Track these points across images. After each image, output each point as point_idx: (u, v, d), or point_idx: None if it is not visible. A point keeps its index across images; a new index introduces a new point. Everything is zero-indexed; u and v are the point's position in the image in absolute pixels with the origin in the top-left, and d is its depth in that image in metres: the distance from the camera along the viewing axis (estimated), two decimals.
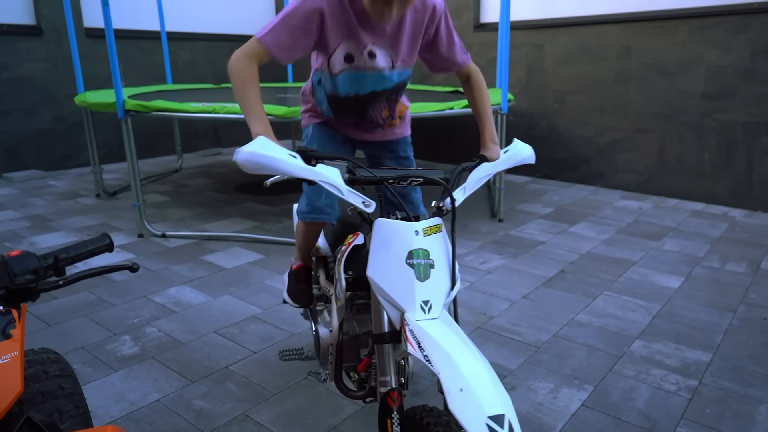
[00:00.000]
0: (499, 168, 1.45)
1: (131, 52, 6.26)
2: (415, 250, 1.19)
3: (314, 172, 1.16)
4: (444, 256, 1.24)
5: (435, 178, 1.28)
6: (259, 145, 1.13)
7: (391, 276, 1.18)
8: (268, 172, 1.12)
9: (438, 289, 1.19)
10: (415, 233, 1.21)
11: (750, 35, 4.17)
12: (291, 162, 1.14)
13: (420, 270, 1.18)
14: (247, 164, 1.11)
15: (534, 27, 5.31)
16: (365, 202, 1.21)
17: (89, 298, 2.83)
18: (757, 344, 2.39)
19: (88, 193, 4.93)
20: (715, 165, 4.52)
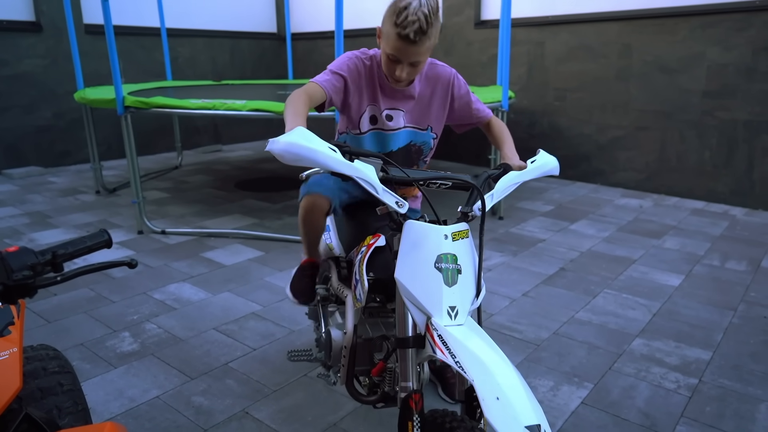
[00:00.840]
0: (525, 177, 1.43)
1: (131, 48, 6.25)
2: (443, 255, 1.18)
3: (352, 167, 1.13)
4: (471, 262, 1.23)
5: (468, 181, 1.28)
6: (298, 136, 1.10)
7: (419, 279, 1.17)
8: (306, 164, 1.09)
9: (465, 295, 1.18)
10: (444, 237, 1.20)
11: (751, 33, 4.16)
12: (330, 155, 1.11)
13: (448, 275, 1.17)
14: (286, 155, 1.08)
15: (535, 24, 5.30)
16: (399, 202, 1.19)
17: (89, 295, 2.83)
18: (757, 342, 2.39)
19: (88, 190, 4.93)
20: (716, 163, 4.52)
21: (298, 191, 2.68)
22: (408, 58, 1.53)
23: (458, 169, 5.78)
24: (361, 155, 1.21)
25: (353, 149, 1.22)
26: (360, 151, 1.22)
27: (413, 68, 1.57)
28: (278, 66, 7.77)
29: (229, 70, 7.24)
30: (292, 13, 7.41)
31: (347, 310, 1.58)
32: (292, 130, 1.13)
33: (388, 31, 1.50)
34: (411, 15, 1.44)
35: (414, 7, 1.44)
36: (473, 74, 5.82)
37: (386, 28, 1.51)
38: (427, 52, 1.54)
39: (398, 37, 1.47)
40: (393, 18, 1.46)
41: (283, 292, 2.86)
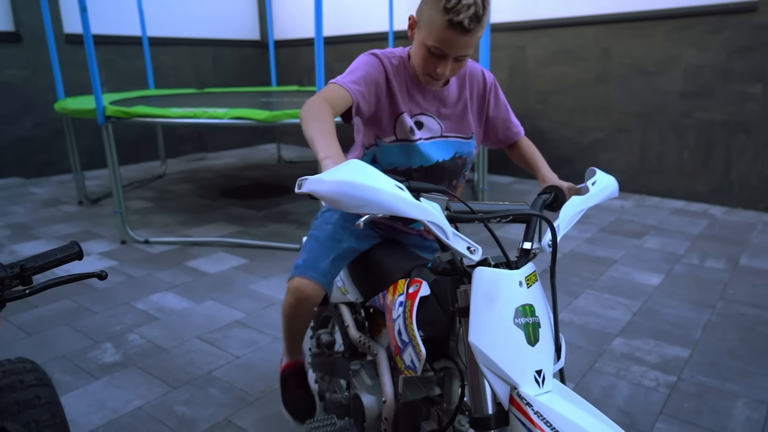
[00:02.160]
0: (591, 203, 1.24)
1: (113, 57, 6.22)
2: (521, 307, 0.98)
3: (422, 209, 0.92)
4: (545, 311, 1.03)
5: (538, 214, 1.08)
6: (355, 171, 0.86)
7: (499, 341, 0.96)
8: (370, 209, 0.86)
9: (548, 353, 0.99)
10: (519, 284, 0.99)
11: (726, 35, 4.24)
12: (399, 195, 0.89)
13: (529, 331, 0.97)
14: (343, 199, 0.85)
15: (515, 29, 5.35)
16: (471, 248, 0.99)
17: (71, 306, 2.81)
18: (734, 339, 2.43)
19: (71, 201, 4.89)
20: (695, 163, 4.59)
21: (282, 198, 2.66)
22: (455, 51, 1.27)
23: None
24: (422, 190, 1.01)
25: (413, 183, 1.01)
26: (421, 185, 1.02)
27: (458, 64, 1.32)
28: (262, 73, 7.77)
29: (212, 78, 7.23)
30: (275, 20, 7.42)
31: (381, 370, 1.36)
32: (342, 164, 0.89)
33: (432, 18, 1.24)
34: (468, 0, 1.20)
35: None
36: None
37: (429, 15, 1.25)
38: (476, 43, 1.29)
39: (448, 26, 1.22)
40: (441, 2, 1.21)
41: (267, 299, 2.87)
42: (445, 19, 1.21)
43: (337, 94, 1.26)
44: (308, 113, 1.16)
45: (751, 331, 2.49)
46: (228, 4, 7.33)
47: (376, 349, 1.42)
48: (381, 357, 1.39)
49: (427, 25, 1.26)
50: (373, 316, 1.63)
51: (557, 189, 1.30)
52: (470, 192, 5.04)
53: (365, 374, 1.51)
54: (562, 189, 1.30)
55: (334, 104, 1.23)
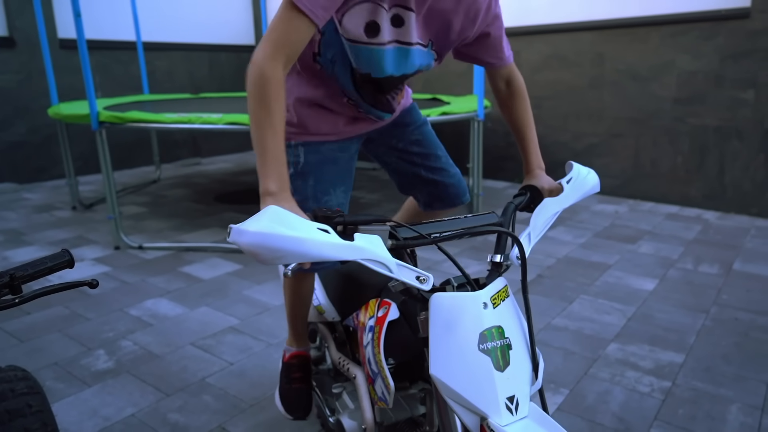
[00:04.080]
0: (566, 203, 1.18)
1: (107, 62, 6.21)
2: (487, 331, 0.92)
3: (355, 249, 0.85)
4: (519, 330, 0.97)
5: (499, 230, 1.01)
6: (274, 220, 0.80)
7: (463, 371, 0.91)
8: (291, 260, 0.81)
9: (521, 377, 0.93)
10: (484, 306, 0.93)
11: (719, 41, 4.27)
12: (322, 240, 0.82)
13: (497, 355, 0.92)
14: (261, 251, 0.78)
15: (510, 34, 5.37)
16: (421, 277, 0.92)
17: (63, 313, 2.79)
18: (728, 344, 2.44)
19: (64, 206, 4.87)
20: (689, 168, 4.61)
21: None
22: None
23: None
24: (358, 223, 0.92)
25: (345, 216, 0.91)
26: (356, 218, 0.92)
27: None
28: None
29: (207, 83, 7.23)
30: None
31: (360, 394, 1.30)
32: (262, 211, 0.82)
33: None
34: None
35: None
36: (450, 84, 5.88)
37: None
38: None
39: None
40: None
41: (262, 305, 2.86)
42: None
43: (298, 35, 1.01)
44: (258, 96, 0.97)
45: (745, 336, 2.50)
46: (223, 10, 7.33)
47: (355, 372, 1.35)
48: (360, 380, 1.32)
49: None
50: (353, 334, 1.53)
51: (533, 189, 1.24)
52: None
53: (347, 397, 1.46)
54: (537, 188, 1.24)
55: (291, 56, 1.01)
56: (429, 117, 3.83)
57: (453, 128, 5.87)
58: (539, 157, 1.37)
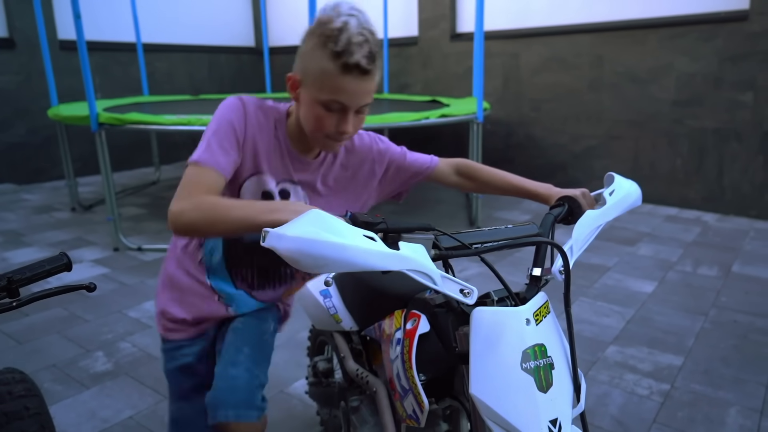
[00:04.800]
0: (609, 216, 1.11)
1: (107, 63, 6.21)
2: (530, 349, 0.87)
3: (401, 258, 0.80)
4: (560, 348, 0.92)
5: (545, 240, 0.96)
6: (316, 224, 0.75)
7: (504, 391, 0.86)
8: (334, 269, 0.75)
9: (564, 398, 0.89)
10: (527, 323, 0.89)
11: (718, 43, 4.27)
12: (368, 248, 0.76)
13: (540, 375, 0.87)
14: (303, 259, 0.73)
15: (509, 37, 5.38)
16: (465, 290, 0.87)
17: (62, 314, 2.79)
18: (727, 347, 2.44)
19: (63, 207, 4.87)
20: (688, 171, 4.61)
21: None
22: (356, 100, 1.07)
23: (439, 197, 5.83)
24: (403, 230, 0.89)
25: (389, 223, 0.87)
26: (399, 224, 0.88)
27: (359, 117, 1.13)
28: (256, 80, 7.77)
29: (207, 85, 7.23)
30: (270, 27, 7.43)
31: (382, 409, 1.23)
32: (302, 215, 0.77)
33: (322, 68, 1.04)
34: (355, 36, 1.02)
35: (354, 26, 1.03)
36: (450, 86, 5.88)
37: (318, 66, 1.05)
38: (375, 89, 1.12)
39: (343, 71, 1.03)
40: (327, 46, 1.03)
41: None
42: (338, 65, 1.03)
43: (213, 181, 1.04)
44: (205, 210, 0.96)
45: (744, 338, 2.50)
46: (223, 11, 7.34)
47: (375, 385, 1.28)
48: (381, 394, 1.25)
49: (317, 78, 1.06)
50: (370, 344, 1.46)
51: (571, 200, 1.16)
52: (464, 198, 5.05)
53: (365, 411, 1.38)
54: (576, 200, 1.16)
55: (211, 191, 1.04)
56: (428, 119, 3.84)
57: (452, 130, 5.87)
58: (539, 183, 1.31)
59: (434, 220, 4.38)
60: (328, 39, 1.03)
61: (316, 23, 1.07)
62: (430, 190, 5.41)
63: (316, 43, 1.05)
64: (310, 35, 1.07)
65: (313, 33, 1.06)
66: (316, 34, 1.05)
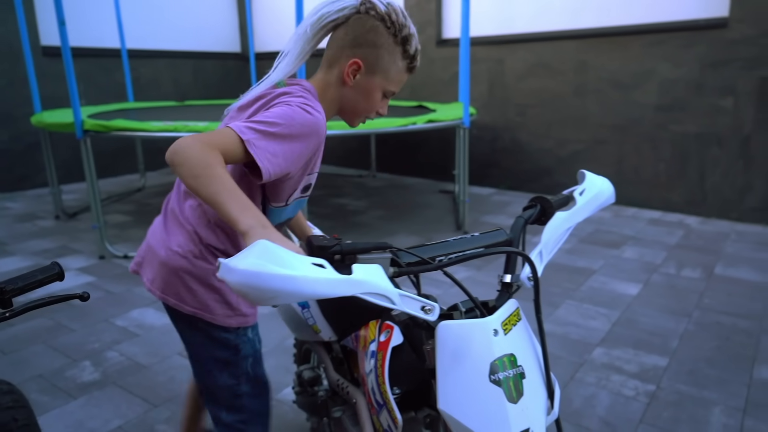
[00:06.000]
0: (580, 217, 1.10)
1: (91, 70, 6.16)
2: (498, 360, 0.87)
3: (354, 283, 0.77)
4: (533, 355, 0.92)
5: (508, 250, 0.93)
6: (263, 255, 0.72)
7: (474, 405, 0.85)
8: (286, 300, 0.73)
9: (536, 407, 0.88)
10: (494, 333, 0.88)
11: (699, 50, 4.35)
12: (317, 277, 0.74)
13: (510, 386, 0.86)
14: (251, 292, 0.71)
15: (494, 42, 5.43)
16: (426, 307, 0.85)
17: (47, 324, 2.76)
18: (711, 348, 2.48)
19: (47, 215, 4.81)
20: (670, 175, 4.68)
21: None
22: None
23: (425, 186, 5.86)
24: (357, 252, 0.86)
25: (344, 246, 0.85)
26: (354, 246, 0.85)
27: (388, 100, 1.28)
28: (243, 86, 7.75)
29: (193, 91, 7.20)
30: (256, 33, 7.43)
31: (363, 420, 1.22)
32: (251, 246, 0.74)
33: (396, 65, 1.18)
34: (418, 43, 1.20)
35: (415, 33, 1.20)
36: (436, 92, 5.92)
37: (391, 61, 1.17)
38: None
39: (408, 71, 1.22)
40: (405, 48, 1.17)
41: None
42: (407, 65, 1.20)
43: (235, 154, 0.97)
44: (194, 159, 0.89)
45: (727, 339, 2.55)
46: (208, 17, 7.32)
47: (355, 396, 1.28)
48: (361, 405, 1.25)
49: (390, 72, 1.19)
50: (351, 353, 1.45)
51: (543, 200, 1.16)
52: (450, 203, 5.07)
53: (347, 422, 1.39)
54: (548, 199, 1.16)
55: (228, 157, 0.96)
56: (415, 125, 3.86)
57: (439, 135, 5.90)
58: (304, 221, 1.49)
59: (421, 225, 4.40)
60: (405, 42, 1.16)
61: (388, 20, 1.15)
62: (418, 195, 5.43)
63: (393, 42, 1.16)
64: (379, 30, 1.15)
65: (387, 31, 1.15)
66: (391, 33, 1.15)
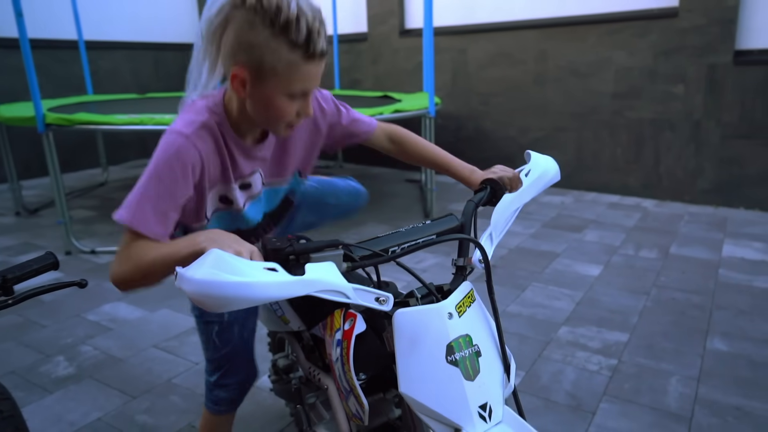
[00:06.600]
0: (527, 197, 1.14)
1: (47, 62, 5.99)
2: (454, 341, 0.91)
3: (306, 283, 0.80)
4: (488, 333, 0.97)
5: (457, 237, 1.00)
6: (216, 264, 0.75)
7: (432, 385, 0.90)
8: (240, 305, 0.75)
9: (493, 382, 0.93)
10: (449, 317, 0.93)
11: (652, 38, 4.52)
12: (271, 282, 0.77)
13: (466, 365, 0.91)
14: (207, 301, 0.74)
15: (457, 33, 5.51)
16: (380, 298, 0.89)
17: (16, 321, 2.72)
18: (667, 323, 2.63)
19: (6, 212, 4.69)
20: (627, 159, 4.87)
21: None
22: (318, 81, 1.08)
23: (392, 175, 5.92)
24: (310, 251, 0.89)
25: (296, 246, 0.88)
26: (307, 246, 0.88)
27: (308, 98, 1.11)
28: None
29: (154, 82, 7.07)
30: None
31: (334, 405, 1.26)
32: (204, 255, 0.78)
33: (284, 60, 1.00)
34: (311, 20, 0.98)
35: (306, 9, 0.98)
36: (400, 82, 5.98)
37: (278, 58, 1.00)
38: None
39: (307, 59, 1.01)
40: (288, 37, 0.98)
41: None
42: (302, 55, 1.00)
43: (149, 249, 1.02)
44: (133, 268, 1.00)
45: (682, 314, 2.70)
46: (167, 7, 7.18)
47: (326, 382, 1.32)
48: (332, 391, 1.28)
49: (282, 71, 1.01)
50: (321, 342, 1.45)
51: (493, 182, 1.19)
52: (418, 191, 5.16)
53: (321, 407, 1.44)
54: (498, 182, 1.19)
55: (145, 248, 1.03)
56: (381, 114, 3.91)
57: (405, 125, 5.91)
58: (465, 164, 1.33)
59: (389, 215, 4.47)
60: (285, 29, 0.96)
61: (254, 10, 0.97)
62: (385, 184, 5.50)
63: (270, 35, 0.97)
64: (250, 25, 0.97)
65: (258, 22, 0.97)
66: (265, 24, 0.96)
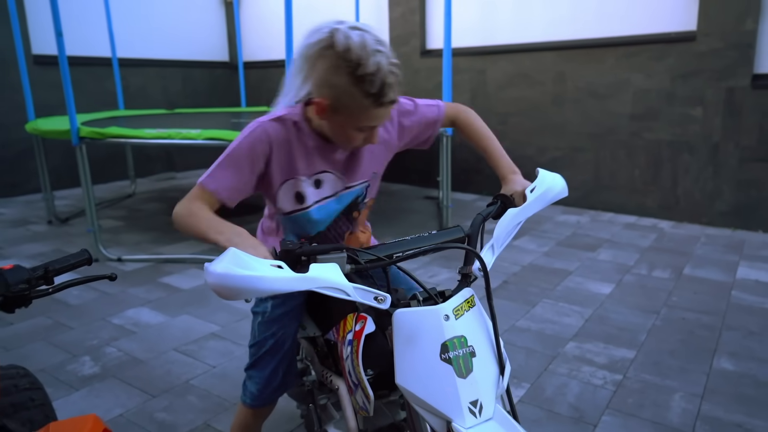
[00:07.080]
0: (528, 213, 1.22)
1: (81, 78, 6.26)
2: (449, 341, 0.99)
3: (308, 279, 0.92)
4: (485, 336, 1.04)
5: (456, 246, 1.09)
6: (232, 260, 0.90)
7: (426, 379, 0.98)
8: (249, 295, 0.90)
9: (485, 381, 1.00)
10: (445, 318, 1.00)
11: (670, 61, 4.57)
12: (276, 276, 0.90)
13: (459, 363, 0.98)
14: (224, 291, 0.89)
15: (476, 53, 5.63)
16: (378, 297, 0.99)
17: (46, 323, 2.86)
18: (675, 341, 2.65)
19: (39, 220, 4.90)
20: (645, 180, 4.89)
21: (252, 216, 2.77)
22: (383, 121, 1.22)
23: (411, 192, 6.02)
24: (316, 252, 1.00)
25: (305, 247, 1.00)
26: (315, 248, 1.01)
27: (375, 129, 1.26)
28: (231, 94, 7.89)
29: (182, 99, 7.32)
30: (244, 42, 7.57)
31: (344, 404, 1.35)
32: (224, 253, 0.93)
33: (357, 103, 1.15)
34: (388, 76, 1.12)
35: (385, 65, 1.12)
36: None
37: (351, 100, 1.15)
38: None
39: (377, 106, 1.15)
40: (363, 87, 1.12)
41: (242, 312, 2.98)
42: (372, 101, 1.14)
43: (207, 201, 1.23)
44: (181, 215, 1.20)
45: (690, 333, 2.72)
46: (197, 26, 7.45)
47: (337, 383, 1.40)
48: (342, 391, 1.37)
49: (353, 111, 1.17)
50: (334, 348, 1.51)
51: (504, 197, 1.29)
52: (434, 207, 5.24)
53: (332, 408, 1.53)
54: (508, 197, 1.29)
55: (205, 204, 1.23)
56: None
57: None
58: (509, 162, 1.43)
59: (405, 230, 4.56)
60: (362, 80, 1.11)
61: (341, 57, 1.11)
62: (404, 201, 5.59)
63: (350, 82, 1.12)
64: (335, 68, 1.12)
65: (342, 67, 1.11)
66: (347, 72, 1.11)
